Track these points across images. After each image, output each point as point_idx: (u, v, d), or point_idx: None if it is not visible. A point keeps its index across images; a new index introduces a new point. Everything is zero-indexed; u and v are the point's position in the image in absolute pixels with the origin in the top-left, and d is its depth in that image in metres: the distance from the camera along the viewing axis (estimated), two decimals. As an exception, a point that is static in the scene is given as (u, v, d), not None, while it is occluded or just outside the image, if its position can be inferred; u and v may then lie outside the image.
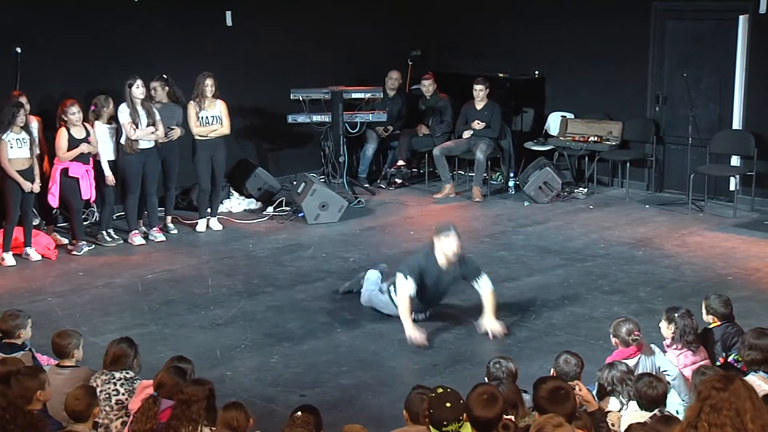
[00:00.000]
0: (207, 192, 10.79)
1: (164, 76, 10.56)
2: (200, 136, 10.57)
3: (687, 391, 5.60)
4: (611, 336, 6.00)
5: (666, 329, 6.11)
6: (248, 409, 4.80)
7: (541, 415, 4.27)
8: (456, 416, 4.39)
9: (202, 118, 10.53)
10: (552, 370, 5.59)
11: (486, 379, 5.57)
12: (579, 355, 5.59)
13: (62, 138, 9.64)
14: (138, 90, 9.97)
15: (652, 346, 5.93)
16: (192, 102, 10.51)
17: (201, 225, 10.81)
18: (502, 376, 5.54)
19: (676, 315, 6.05)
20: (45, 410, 5.25)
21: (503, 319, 8.06)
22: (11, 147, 9.28)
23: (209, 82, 10.47)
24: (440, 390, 4.59)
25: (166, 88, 10.57)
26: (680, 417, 4.75)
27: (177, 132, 10.46)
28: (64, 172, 9.65)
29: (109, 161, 10.02)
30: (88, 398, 5.05)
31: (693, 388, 5.41)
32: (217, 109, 10.60)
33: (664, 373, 5.67)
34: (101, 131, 9.96)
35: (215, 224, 10.91)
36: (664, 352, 6.08)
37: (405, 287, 7.52)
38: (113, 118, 10.05)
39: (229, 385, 6.79)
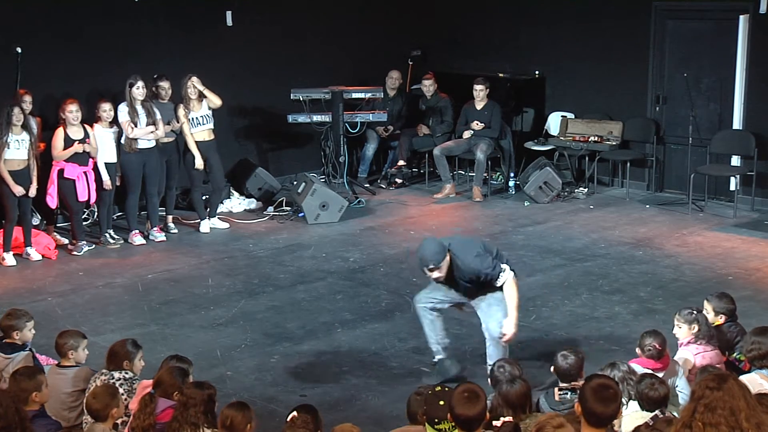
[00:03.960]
0: (200, 193, 10.81)
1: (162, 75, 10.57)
2: (194, 139, 10.55)
3: None
4: (638, 348, 5.95)
5: (687, 331, 6.02)
6: (252, 412, 4.71)
7: (584, 408, 4.15)
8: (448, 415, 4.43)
9: (192, 119, 10.51)
10: (552, 368, 5.57)
11: (489, 381, 5.57)
12: (581, 352, 5.55)
13: (58, 137, 9.63)
14: (138, 90, 9.97)
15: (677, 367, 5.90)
16: (182, 105, 10.48)
17: (204, 226, 10.81)
18: (506, 380, 5.53)
19: (696, 314, 6.02)
20: (43, 411, 5.25)
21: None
22: (8, 148, 9.25)
23: (190, 83, 10.44)
24: (438, 388, 4.65)
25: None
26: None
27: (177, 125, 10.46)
28: (60, 173, 9.64)
29: (108, 163, 10.01)
30: (106, 398, 5.06)
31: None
32: (205, 108, 10.58)
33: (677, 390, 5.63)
34: (101, 134, 9.96)
35: (218, 224, 10.91)
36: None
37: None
38: (115, 121, 10.05)
39: (230, 385, 6.80)
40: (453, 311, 7.13)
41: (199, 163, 10.52)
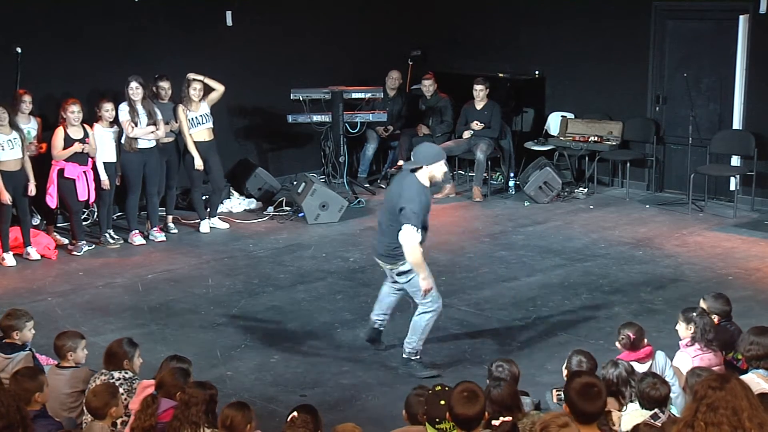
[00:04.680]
0: (200, 193, 10.80)
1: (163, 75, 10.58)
2: (194, 139, 10.54)
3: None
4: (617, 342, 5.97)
5: (684, 330, 6.04)
6: (252, 413, 4.72)
7: (572, 409, 4.20)
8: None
9: (191, 119, 10.50)
10: (564, 371, 5.55)
11: (488, 381, 5.56)
12: (592, 356, 5.54)
13: (58, 137, 9.63)
14: (132, 91, 9.96)
15: (659, 352, 5.90)
16: (181, 105, 10.48)
17: (204, 226, 10.81)
18: (504, 378, 5.51)
19: (694, 315, 6.02)
20: (44, 411, 5.25)
21: (504, 320, 8.08)
22: (2, 149, 9.24)
23: (197, 86, 10.43)
24: (438, 388, 4.65)
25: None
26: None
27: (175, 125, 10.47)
28: (60, 173, 9.64)
29: (107, 163, 10.01)
30: (106, 396, 5.06)
31: (688, 388, 5.40)
32: (204, 107, 10.58)
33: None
34: (101, 134, 9.96)
35: (219, 224, 10.90)
36: (672, 357, 6.04)
37: (417, 238, 6.69)
38: (116, 121, 10.06)
39: (230, 385, 6.79)
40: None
41: (198, 164, 10.52)
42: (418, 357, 7.09)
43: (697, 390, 3.81)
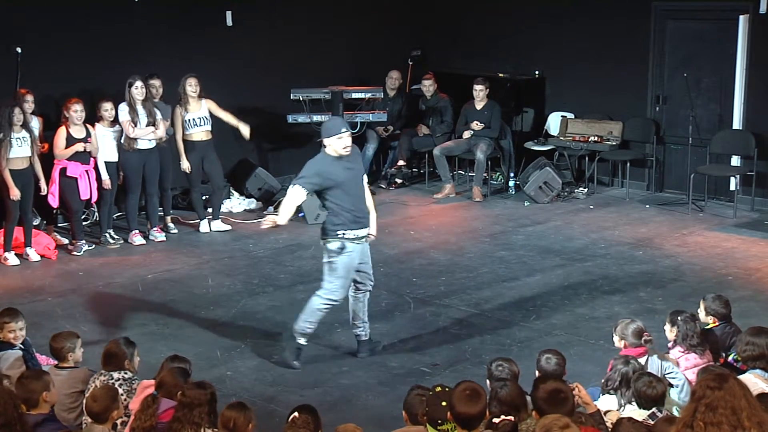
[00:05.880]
0: (199, 193, 10.80)
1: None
2: (188, 138, 10.53)
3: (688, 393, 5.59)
4: (617, 338, 5.95)
5: (669, 331, 6.13)
6: (252, 412, 4.73)
7: (542, 415, 4.26)
8: None
9: (188, 120, 10.50)
10: (536, 371, 5.56)
11: (487, 380, 5.56)
12: (561, 353, 5.56)
13: (60, 136, 9.65)
14: (137, 90, 9.97)
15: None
16: (179, 106, 10.47)
17: (204, 226, 10.80)
18: (504, 377, 5.52)
19: (679, 318, 6.05)
20: (53, 414, 5.22)
21: (504, 320, 8.08)
22: (11, 147, 9.26)
23: (193, 82, 10.45)
24: (438, 389, 4.64)
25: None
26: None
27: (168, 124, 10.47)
28: (62, 171, 9.66)
29: (108, 162, 10.02)
30: (107, 400, 5.04)
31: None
32: (204, 109, 10.57)
33: (668, 375, 5.65)
34: (102, 134, 9.97)
35: (220, 225, 10.88)
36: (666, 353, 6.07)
37: (296, 196, 7.30)
38: (116, 120, 10.06)
39: (230, 385, 6.80)
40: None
41: (185, 166, 10.49)
42: (303, 341, 7.15)
43: (695, 390, 3.82)
